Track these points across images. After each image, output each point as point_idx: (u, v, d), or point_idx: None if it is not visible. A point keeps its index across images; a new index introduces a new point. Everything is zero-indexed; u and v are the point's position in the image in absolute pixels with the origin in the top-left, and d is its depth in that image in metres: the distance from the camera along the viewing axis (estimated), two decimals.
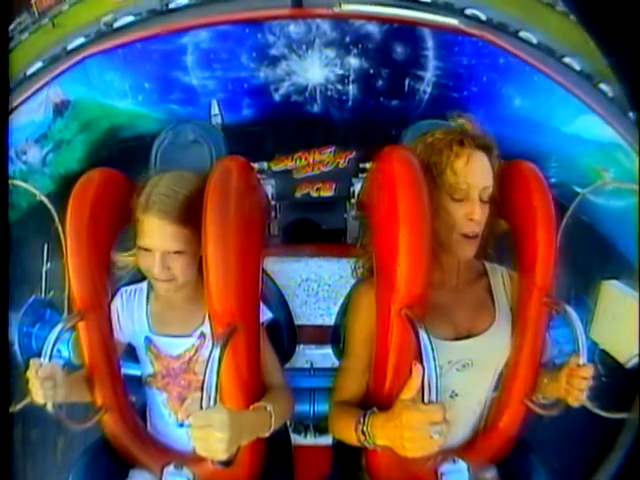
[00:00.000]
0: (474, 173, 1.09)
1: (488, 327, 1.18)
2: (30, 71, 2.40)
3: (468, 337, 1.16)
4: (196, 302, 1.22)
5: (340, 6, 2.52)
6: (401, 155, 1.11)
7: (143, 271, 1.21)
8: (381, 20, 2.77)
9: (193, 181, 1.19)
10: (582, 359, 1.08)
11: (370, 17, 2.75)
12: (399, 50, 2.93)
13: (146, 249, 1.15)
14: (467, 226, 1.10)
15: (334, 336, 1.49)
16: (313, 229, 2.54)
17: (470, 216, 1.09)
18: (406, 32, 2.88)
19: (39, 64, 2.44)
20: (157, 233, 1.14)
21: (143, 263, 1.18)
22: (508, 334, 1.19)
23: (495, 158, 1.14)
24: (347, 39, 2.91)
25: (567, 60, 2.49)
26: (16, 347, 1.85)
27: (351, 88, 3.04)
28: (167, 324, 1.27)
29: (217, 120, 2.98)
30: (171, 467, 1.18)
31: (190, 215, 1.13)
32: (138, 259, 1.18)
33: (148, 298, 1.30)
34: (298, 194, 2.50)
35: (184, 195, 1.15)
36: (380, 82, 3.02)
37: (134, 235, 1.18)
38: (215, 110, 2.99)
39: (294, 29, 2.87)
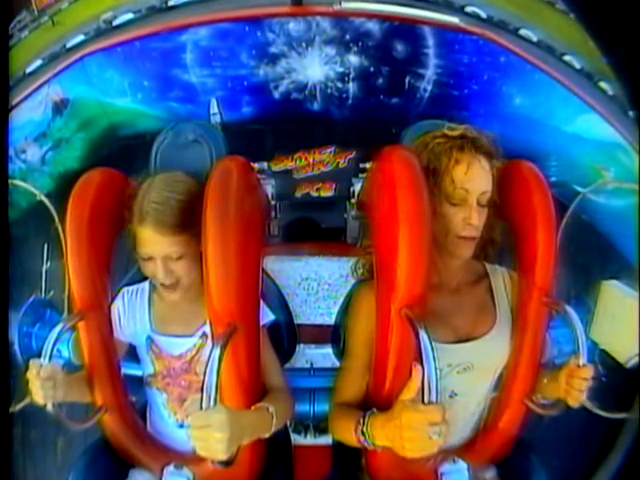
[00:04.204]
0: (473, 180, 1.10)
1: (489, 330, 1.18)
2: (30, 69, 2.39)
3: (468, 340, 1.16)
4: (198, 302, 1.21)
5: (340, 4, 2.51)
6: (401, 155, 1.11)
7: (149, 277, 1.22)
8: (381, 18, 2.76)
9: (185, 183, 1.19)
10: (582, 360, 1.08)
11: (370, 15, 2.73)
12: (399, 48, 2.92)
13: (147, 257, 1.16)
14: (465, 230, 1.11)
15: (334, 336, 1.49)
16: (313, 228, 2.54)
17: (468, 221, 1.10)
18: (406, 30, 2.87)
19: (39, 62, 2.43)
20: (155, 242, 1.14)
21: (147, 270, 1.19)
22: (508, 337, 1.19)
23: (496, 162, 1.14)
24: (347, 37, 2.90)
25: (567, 58, 2.48)
26: (16, 347, 1.85)
27: (351, 86, 3.04)
28: (169, 324, 1.28)
29: (216, 119, 2.97)
30: (171, 467, 1.18)
31: (186, 219, 1.13)
32: (141, 266, 1.19)
33: (150, 298, 1.31)
34: (298, 194, 2.50)
35: (177, 200, 1.15)
36: (380, 80, 3.01)
37: (132, 243, 1.18)
38: (214, 109, 2.98)
39: (294, 27, 2.86)
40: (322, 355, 1.94)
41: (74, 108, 2.79)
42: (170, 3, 2.61)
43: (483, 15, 2.58)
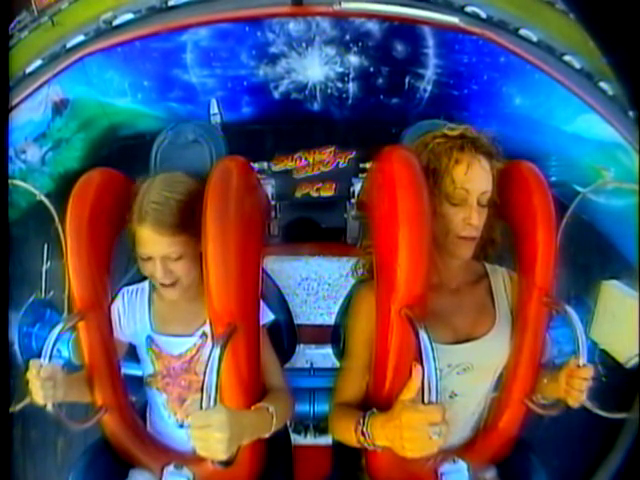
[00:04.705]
0: (473, 180, 1.10)
1: (488, 330, 1.18)
2: (29, 69, 2.38)
3: (468, 341, 1.16)
4: (198, 302, 1.22)
5: (340, 4, 2.51)
6: (401, 155, 1.11)
7: (148, 277, 1.22)
8: (381, 18, 2.76)
9: (185, 183, 1.19)
10: (582, 360, 1.08)
11: (370, 15, 2.73)
12: (399, 48, 2.92)
13: (146, 257, 1.16)
14: (465, 230, 1.11)
15: (334, 336, 1.49)
16: (313, 228, 2.55)
17: (468, 221, 1.10)
18: (406, 30, 2.87)
19: (38, 62, 2.43)
20: (154, 242, 1.14)
21: (146, 270, 1.19)
22: (508, 337, 1.19)
23: (496, 162, 1.14)
24: (347, 37, 2.90)
25: (567, 58, 2.48)
26: (16, 347, 1.85)
27: (351, 86, 3.04)
28: (169, 323, 1.28)
29: (216, 119, 2.97)
30: (171, 467, 1.18)
31: (185, 220, 1.13)
32: (140, 266, 1.19)
33: (150, 298, 1.31)
34: (298, 194, 2.51)
35: (177, 200, 1.15)
36: (380, 80, 3.01)
37: (132, 242, 1.18)
38: (214, 109, 2.98)
39: (294, 27, 2.87)
40: (322, 355, 1.94)
41: (74, 108, 2.79)
42: (170, 3, 2.61)
43: (483, 15, 2.57)
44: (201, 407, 0.94)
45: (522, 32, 2.54)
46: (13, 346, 1.84)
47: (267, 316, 1.27)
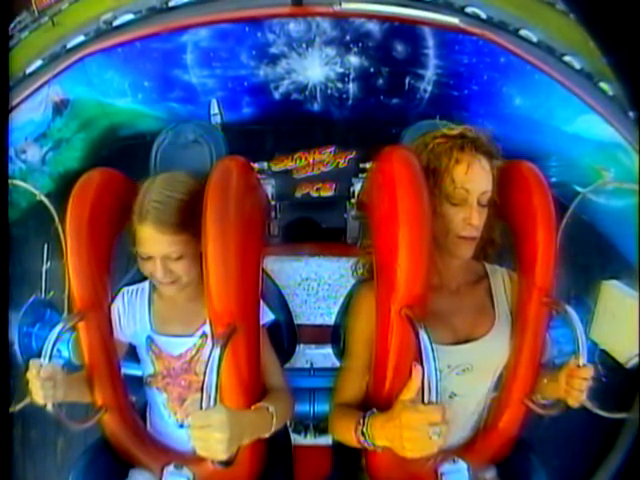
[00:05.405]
0: (473, 179, 1.09)
1: (488, 331, 1.18)
2: (30, 70, 2.39)
3: (467, 341, 1.16)
4: (198, 302, 1.21)
5: (340, 4, 2.51)
6: (401, 155, 1.11)
7: (147, 276, 1.22)
8: (381, 18, 2.76)
9: (186, 183, 1.19)
10: (582, 360, 1.08)
11: (370, 15, 2.74)
12: (399, 49, 2.93)
13: (147, 257, 1.16)
14: (465, 230, 1.11)
15: (334, 336, 1.49)
16: (313, 228, 2.55)
17: (468, 221, 1.10)
18: (406, 31, 2.88)
19: (39, 63, 2.43)
20: (155, 241, 1.14)
21: (145, 269, 1.18)
22: (507, 337, 1.19)
23: (496, 162, 1.14)
24: (347, 37, 2.91)
25: (567, 59, 2.48)
26: (16, 347, 1.85)
27: (351, 87, 3.04)
28: (169, 324, 1.28)
29: (216, 119, 2.98)
30: (171, 467, 1.18)
31: (186, 219, 1.14)
32: (140, 265, 1.19)
33: (150, 298, 1.31)
34: (298, 194, 2.51)
35: (178, 200, 1.15)
36: (380, 81, 3.02)
37: (132, 242, 1.18)
38: (215, 109, 2.99)
39: (294, 27, 2.87)
40: (322, 355, 1.94)
41: (74, 108, 2.79)
42: (170, 4, 2.61)
43: (483, 16, 2.58)
44: (201, 407, 0.94)
45: (522, 32, 2.54)
46: (13, 346, 1.84)
47: (267, 316, 1.27)
